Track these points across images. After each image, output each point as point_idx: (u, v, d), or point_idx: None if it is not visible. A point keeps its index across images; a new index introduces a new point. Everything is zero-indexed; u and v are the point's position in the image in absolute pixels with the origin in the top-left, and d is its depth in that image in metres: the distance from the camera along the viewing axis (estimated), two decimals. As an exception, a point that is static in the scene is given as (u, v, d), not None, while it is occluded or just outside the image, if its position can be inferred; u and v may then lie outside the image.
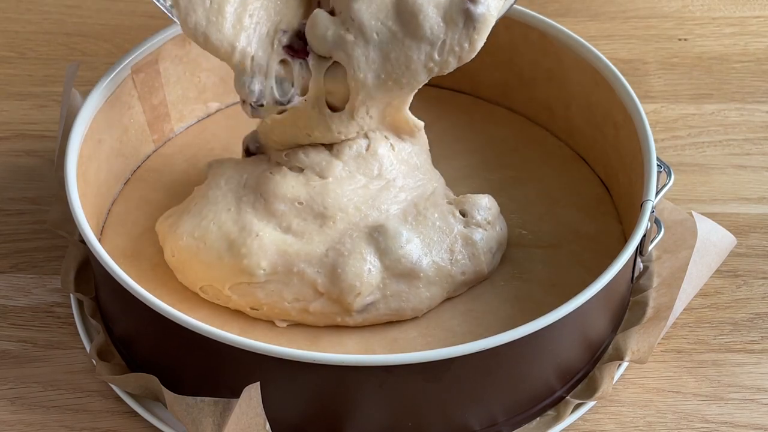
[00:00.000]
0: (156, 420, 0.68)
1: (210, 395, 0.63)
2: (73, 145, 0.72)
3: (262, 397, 0.62)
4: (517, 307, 0.72)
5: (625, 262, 0.67)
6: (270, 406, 0.63)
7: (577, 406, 0.70)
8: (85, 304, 0.74)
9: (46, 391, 0.71)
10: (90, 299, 0.74)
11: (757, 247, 0.80)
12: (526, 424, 0.69)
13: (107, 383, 0.70)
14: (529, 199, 0.79)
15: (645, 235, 0.69)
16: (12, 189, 0.83)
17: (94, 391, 0.71)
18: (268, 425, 0.64)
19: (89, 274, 0.75)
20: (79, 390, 0.71)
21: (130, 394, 0.69)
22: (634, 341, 0.71)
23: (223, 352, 0.63)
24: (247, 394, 0.62)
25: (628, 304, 0.74)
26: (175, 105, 0.82)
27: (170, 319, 0.63)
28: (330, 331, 0.71)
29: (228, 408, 0.62)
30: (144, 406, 0.69)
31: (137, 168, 0.81)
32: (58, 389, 0.71)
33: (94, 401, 0.70)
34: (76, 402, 0.70)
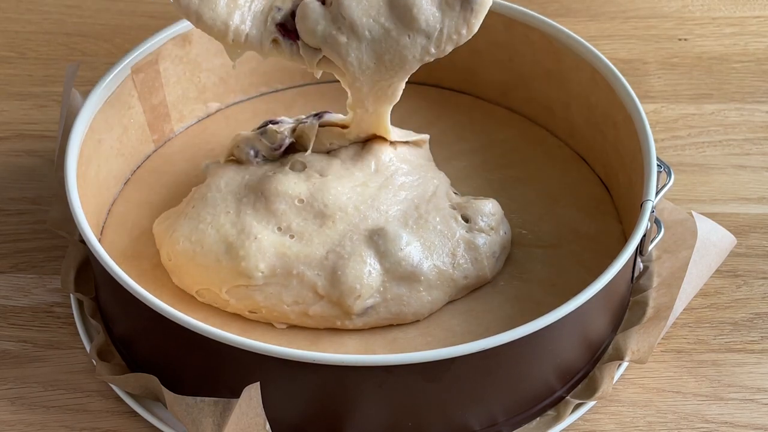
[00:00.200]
0: (156, 420, 0.68)
1: (210, 395, 0.63)
2: (73, 145, 0.72)
3: (262, 397, 0.63)
4: (517, 307, 0.72)
5: (625, 262, 0.67)
6: (270, 406, 0.63)
7: (577, 406, 0.69)
8: (85, 304, 0.74)
9: (46, 391, 0.71)
10: (90, 299, 0.74)
11: (757, 247, 0.80)
12: (526, 424, 0.69)
13: (107, 383, 0.70)
14: (529, 199, 0.79)
15: (645, 235, 0.69)
16: (12, 189, 0.83)
17: (94, 391, 0.71)
18: (268, 425, 0.64)
19: (89, 274, 0.75)
20: (79, 390, 0.71)
21: (130, 394, 0.69)
22: (634, 341, 0.71)
23: (223, 352, 0.63)
24: (247, 394, 0.62)
25: (628, 304, 0.74)
26: (175, 105, 0.82)
27: (170, 319, 0.63)
28: (330, 331, 0.71)
29: (228, 408, 0.62)
30: (144, 406, 0.69)
31: (137, 168, 0.81)
32: (58, 389, 0.71)
33: (94, 401, 0.70)
34: (76, 402, 0.70)
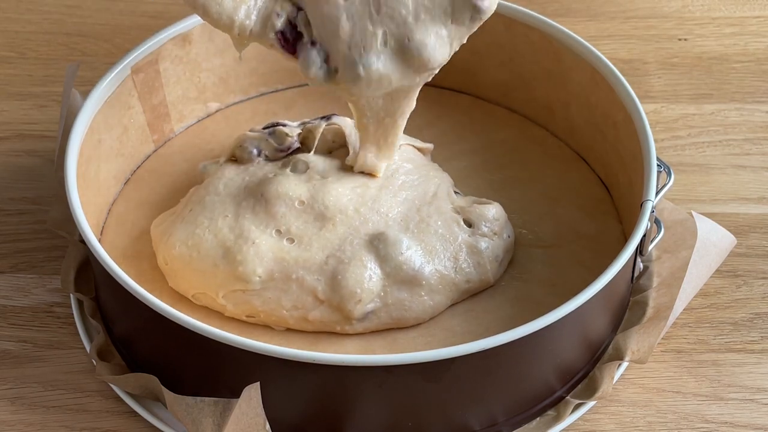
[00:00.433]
0: (156, 420, 0.68)
1: (210, 395, 0.63)
2: (73, 145, 0.72)
3: (262, 397, 0.62)
4: (517, 307, 0.72)
5: (625, 262, 0.67)
6: (270, 406, 0.63)
7: (577, 406, 0.69)
8: (85, 304, 0.74)
9: (46, 391, 0.71)
10: (90, 299, 0.74)
11: (757, 247, 0.80)
12: (526, 424, 0.69)
13: (107, 383, 0.70)
14: (529, 199, 0.79)
15: (645, 235, 0.69)
16: (12, 189, 0.83)
17: (94, 391, 0.71)
18: (268, 425, 0.64)
19: (89, 274, 0.75)
20: (79, 390, 0.71)
21: (130, 394, 0.69)
22: (634, 341, 0.71)
23: (223, 352, 0.63)
24: (247, 394, 0.62)
25: (628, 304, 0.74)
26: (175, 105, 0.82)
27: (170, 319, 0.63)
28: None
29: (228, 408, 0.62)
30: (144, 406, 0.69)
31: (137, 168, 0.81)
32: (58, 389, 0.71)
33: (94, 401, 0.70)
34: (76, 402, 0.70)
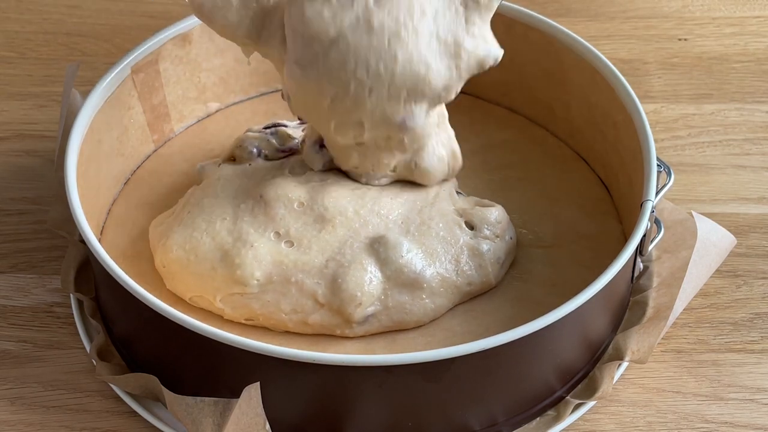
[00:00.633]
0: (156, 420, 0.68)
1: (210, 395, 0.63)
2: (73, 145, 0.72)
3: (262, 397, 0.63)
4: (517, 307, 0.72)
5: (625, 262, 0.67)
6: (270, 406, 0.63)
7: (577, 406, 0.69)
8: (85, 304, 0.74)
9: (46, 391, 0.71)
10: (90, 299, 0.74)
11: (757, 247, 0.80)
12: (526, 424, 0.69)
13: (107, 383, 0.70)
14: (529, 199, 0.79)
15: (645, 235, 0.69)
16: (12, 189, 0.83)
17: (94, 391, 0.71)
18: (268, 425, 0.64)
19: (89, 274, 0.75)
20: (79, 390, 0.71)
21: (130, 394, 0.69)
22: (634, 341, 0.71)
23: (223, 352, 0.63)
24: (247, 394, 0.62)
25: (628, 304, 0.74)
26: (175, 105, 0.82)
27: (170, 319, 0.63)
28: (330, 330, 0.71)
29: (228, 408, 0.62)
30: (144, 406, 0.69)
31: (137, 168, 0.81)
32: (58, 389, 0.71)
33: (94, 401, 0.70)
34: (76, 402, 0.70)
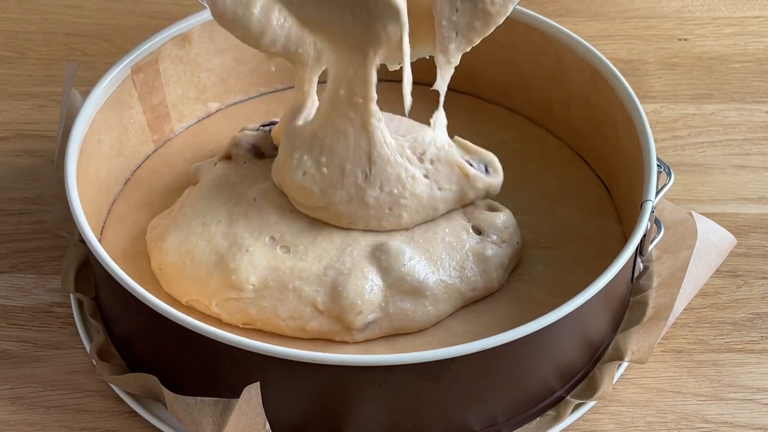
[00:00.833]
0: (156, 420, 0.68)
1: (210, 395, 0.63)
2: (73, 145, 0.72)
3: (262, 397, 0.63)
4: (517, 307, 0.72)
5: (625, 262, 0.67)
6: (270, 406, 0.63)
7: (577, 406, 0.69)
8: (85, 304, 0.74)
9: (46, 391, 0.71)
10: (90, 299, 0.74)
11: (757, 247, 0.80)
12: (526, 424, 0.69)
13: (107, 383, 0.70)
14: (529, 199, 0.79)
15: (645, 235, 0.69)
16: (12, 189, 0.83)
17: (94, 391, 0.71)
18: (268, 425, 0.64)
19: (89, 274, 0.75)
20: (79, 390, 0.71)
21: (130, 394, 0.69)
22: (634, 341, 0.71)
23: (223, 352, 0.63)
24: (247, 394, 0.62)
25: (628, 304, 0.74)
26: (175, 105, 0.82)
27: (170, 319, 0.63)
28: (330, 331, 0.71)
29: (228, 408, 0.62)
30: (144, 406, 0.69)
31: (137, 168, 0.81)
32: (58, 389, 0.71)
33: (94, 401, 0.70)
34: (76, 402, 0.70)
